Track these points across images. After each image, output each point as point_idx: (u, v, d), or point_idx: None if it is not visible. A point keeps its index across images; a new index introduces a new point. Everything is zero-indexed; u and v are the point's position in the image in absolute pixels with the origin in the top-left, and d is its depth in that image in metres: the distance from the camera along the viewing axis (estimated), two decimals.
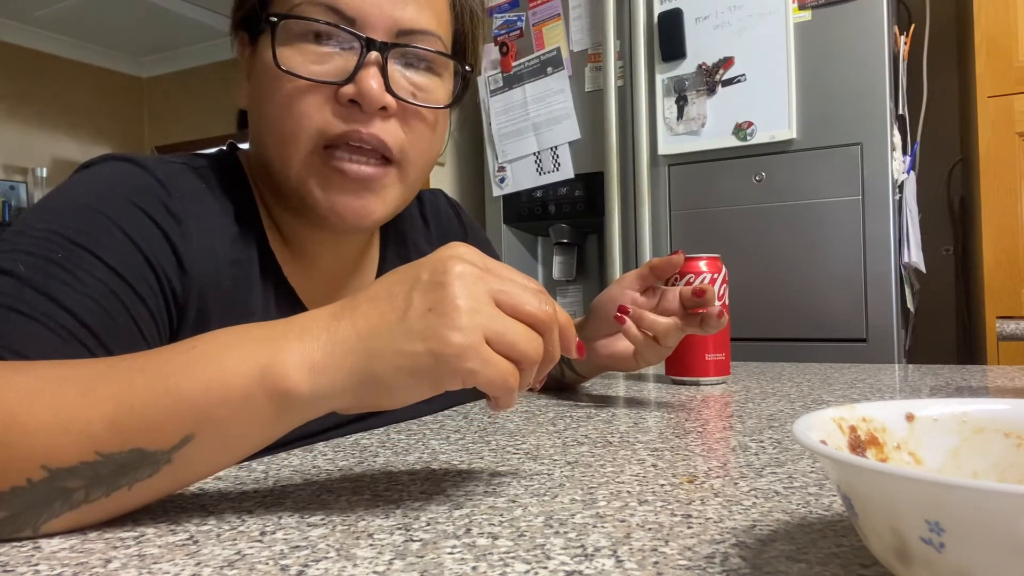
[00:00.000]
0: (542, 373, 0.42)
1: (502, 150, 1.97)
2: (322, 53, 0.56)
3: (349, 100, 0.56)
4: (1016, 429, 0.32)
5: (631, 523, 0.36)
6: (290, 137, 0.57)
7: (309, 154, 0.57)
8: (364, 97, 0.55)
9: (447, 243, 0.42)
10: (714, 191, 1.70)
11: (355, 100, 0.56)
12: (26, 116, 4.25)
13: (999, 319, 1.55)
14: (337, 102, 0.56)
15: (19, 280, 0.46)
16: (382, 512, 0.38)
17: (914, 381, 0.84)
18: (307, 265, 0.66)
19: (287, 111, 0.56)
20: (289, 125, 0.56)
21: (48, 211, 0.52)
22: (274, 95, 0.57)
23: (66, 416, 0.35)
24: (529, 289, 0.40)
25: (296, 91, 0.56)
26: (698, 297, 0.67)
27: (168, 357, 0.38)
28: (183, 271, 0.55)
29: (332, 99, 0.56)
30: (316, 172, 0.57)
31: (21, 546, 0.35)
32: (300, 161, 0.57)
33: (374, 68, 0.56)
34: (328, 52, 0.56)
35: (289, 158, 0.57)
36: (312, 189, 0.58)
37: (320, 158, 0.57)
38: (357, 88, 0.55)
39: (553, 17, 1.90)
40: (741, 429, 0.58)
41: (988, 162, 1.57)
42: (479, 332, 0.37)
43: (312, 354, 0.38)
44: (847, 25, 1.55)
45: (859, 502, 0.25)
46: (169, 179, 0.57)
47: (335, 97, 0.56)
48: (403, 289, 0.39)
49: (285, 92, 0.56)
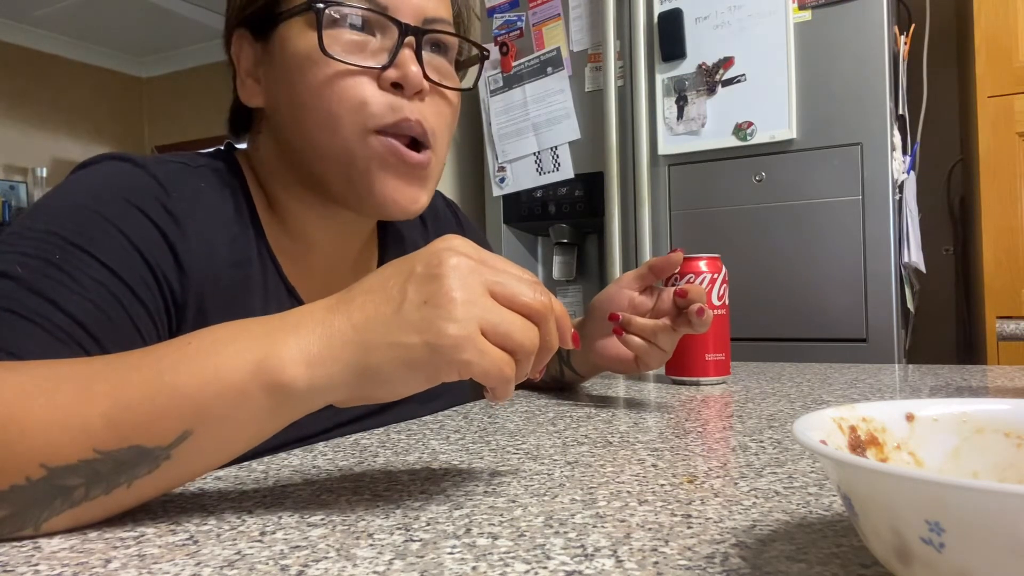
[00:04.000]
0: (541, 363, 0.42)
1: (502, 150, 1.97)
2: (359, 40, 0.57)
3: (392, 84, 0.57)
4: (1016, 429, 0.32)
5: (631, 523, 0.36)
6: (341, 123, 0.57)
7: (363, 138, 0.57)
8: (407, 80, 0.57)
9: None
10: (714, 191, 1.69)
11: (397, 83, 0.57)
12: (26, 116, 4.25)
13: (999, 319, 1.55)
14: (379, 86, 0.57)
15: (16, 282, 0.46)
16: (382, 512, 0.38)
17: (914, 381, 0.84)
18: (307, 264, 0.66)
19: (335, 95, 0.57)
20: (339, 109, 0.57)
21: (45, 212, 0.51)
22: (316, 81, 0.57)
23: (64, 414, 0.35)
24: (524, 280, 0.40)
25: (339, 76, 0.57)
26: (681, 298, 0.67)
27: (164, 353, 0.38)
28: (181, 271, 0.55)
29: (374, 83, 0.57)
30: (377, 157, 0.58)
31: (21, 546, 0.35)
32: (356, 145, 0.57)
33: (410, 52, 0.57)
34: (363, 39, 0.58)
35: (343, 140, 0.57)
36: (372, 175, 0.58)
37: (379, 143, 0.58)
38: (401, 72, 0.57)
39: (553, 17, 1.90)
40: (741, 429, 0.58)
41: (988, 162, 1.57)
42: (474, 323, 0.37)
43: (308, 347, 0.38)
44: (847, 25, 1.55)
45: (859, 502, 0.25)
46: (167, 179, 0.57)
47: (377, 81, 0.57)
48: (398, 281, 0.39)
49: (329, 77, 0.57)
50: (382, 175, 0.58)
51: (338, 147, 0.58)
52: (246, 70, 0.62)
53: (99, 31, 4.27)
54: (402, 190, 0.59)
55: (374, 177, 0.58)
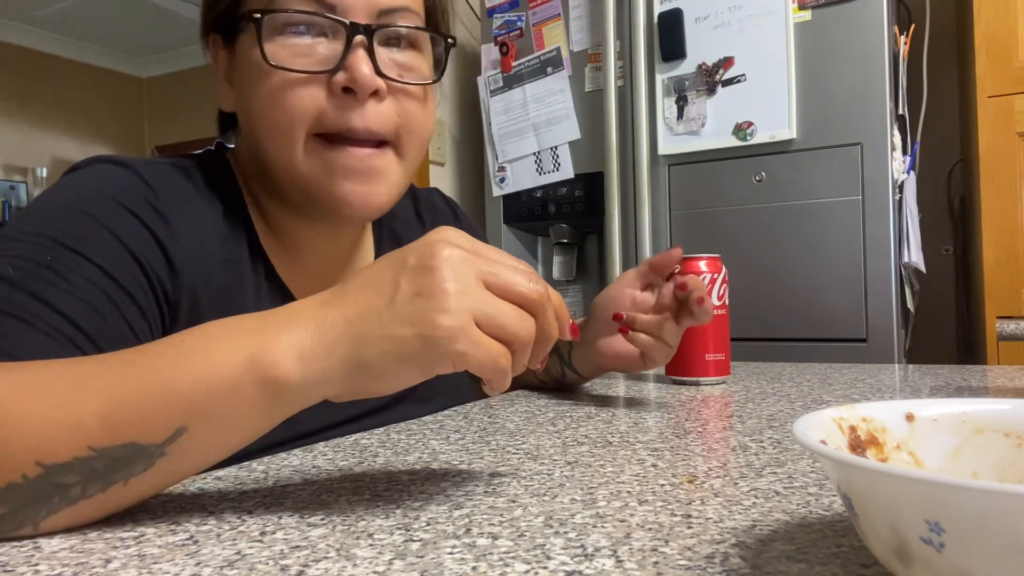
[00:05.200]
0: (541, 354, 0.42)
1: (502, 150, 1.97)
2: (306, 44, 0.56)
3: (343, 88, 0.55)
4: (1016, 429, 0.32)
5: (631, 523, 0.36)
6: (286, 131, 0.56)
7: (308, 145, 0.57)
8: (357, 83, 0.55)
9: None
10: (714, 191, 1.69)
11: (348, 87, 0.55)
12: (26, 116, 4.25)
13: (999, 319, 1.55)
14: (330, 91, 0.56)
15: (9, 283, 0.46)
16: (382, 512, 0.38)
17: (914, 381, 0.84)
18: (300, 263, 0.65)
19: (280, 106, 0.56)
20: (284, 120, 0.56)
21: (36, 215, 0.52)
22: (264, 92, 0.56)
23: (59, 412, 0.35)
24: (519, 270, 0.40)
25: (287, 85, 0.55)
26: (681, 291, 0.67)
27: (158, 351, 0.38)
28: (173, 270, 0.55)
29: (324, 89, 0.56)
30: (319, 162, 0.57)
31: (21, 546, 0.35)
32: (301, 153, 0.57)
33: (361, 52, 0.55)
34: (312, 43, 0.56)
35: (288, 152, 0.57)
36: (318, 180, 0.57)
37: (322, 147, 0.57)
38: (350, 75, 0.55)
39: (553, 17, 1.90)
40: (741, 429, 0.58)
41: (988, 162, 1.57)
42: (468, 314, 0.37)
43: (301, 342, 0.37)
44: (847, 25, 1.55)
45: (859, 502, 0.25)
46: (155, 179, 0.57)
47: (327, 86, 0.56)
48: (391, 274, 0.39)
49: (275, 87, 0.56)
50: (330, 180, 0.57)
51: (285, 157, 0.57)
52: (223, 74, 0.62)
53: (99, 31, 4.27)
54: (354, 189, 0.58)
55: (322, 182, 0.57)
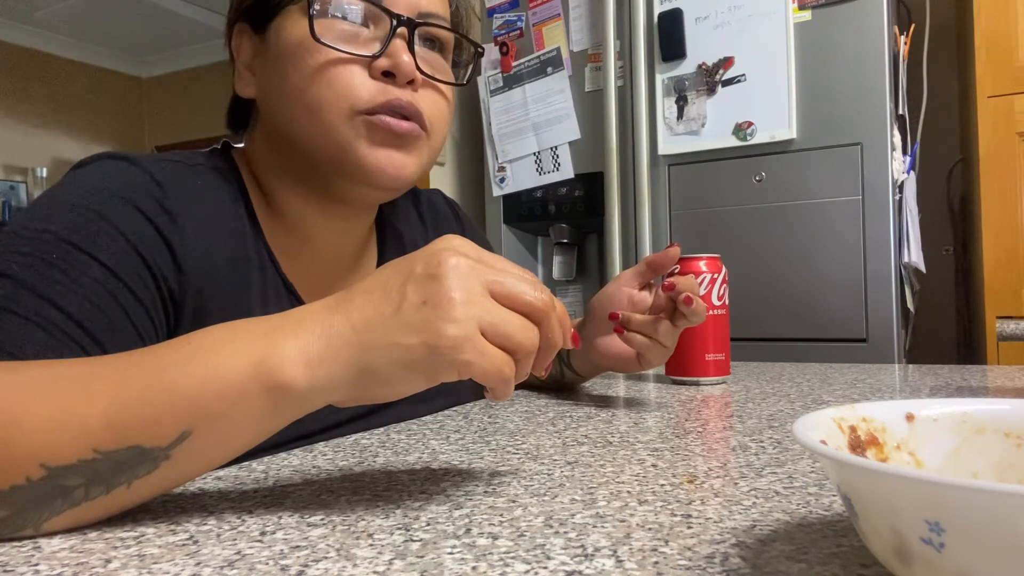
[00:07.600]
0: (545, 361, 0.42)
1: (502, 150, 1.97)
2: (351, 29, 0.59)
3: (383, 72, 0.58)
4: (1016, 429, 0.32)
5: (631, 523, 0.36)
6: (328, 107, 0.58)
7: (350, 120, 0.58)
8: (399, 68, 0.58)
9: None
10: (714, 191, 1.70)
11: (388, 72, 0.58)
12: (26, 116, 4.25)
13: (999, 319, 1.55)
14: (370, 75, 0.58)
15: (14, 281, 0.46)
16: (382, 512, 0.38)
17: (914, 381, 0.84)
18: (306, 263, 0.66)
19: (324, 81, 0.58)
20: (328, 94, 0.58)
21: (42, 211, 0.51)
22: (307, 69, 0.58)
23: (63, 414, 0.35)
24: (524, 279, 0.40)
25: (330, 63, 0.58)
26: (669, 290, 0.67)
27: (163, 353, 0.38)
28: (179, 269, 0.55)
29: (364, 72, 0.58)
30: (358, 131, 0.58)
31: (21, 546, 0.35)
32: (343, 127, 0.58)
33: (403, 43, 0.58)
34: (355, 29, 0.59)
35: (329, 126, 0.58)
36: (356, 147, 0.59)
37: (364, 121, 0.58)
38: (392, 60, 0.58)
39: (553, 17, 1.90)
40: (741, 429, 0.58)
41: (988, 162, 1.57)
42: (474, 323, 0.37)
43: (307, 347, 0.38)
44: (847, 25, 1.55)
45: (859, 502, 0.25)
46: (164, 177, 0.57)
47: (368, 69, 0.58)
48: (397, 282, 0.39)
49: (320, 64, 0.58)
50: (367, 145, 0.59)
51: (320, 127, 0.58)
52: (244, 62, 0.64)
53: (99, 31, 4.27)
54: (390, 156, 0.60)
55: (359, 148, 0.59)
